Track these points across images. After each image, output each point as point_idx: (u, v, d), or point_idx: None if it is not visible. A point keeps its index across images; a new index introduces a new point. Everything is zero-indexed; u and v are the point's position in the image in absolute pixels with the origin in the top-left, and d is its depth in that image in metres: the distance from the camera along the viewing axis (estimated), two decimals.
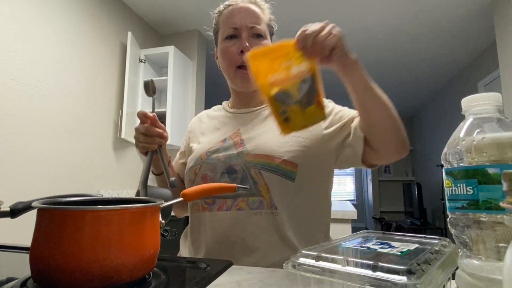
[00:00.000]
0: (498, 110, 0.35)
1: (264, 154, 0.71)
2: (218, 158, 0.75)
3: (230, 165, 0.73)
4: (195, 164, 0.78)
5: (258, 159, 0.71)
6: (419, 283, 0.27)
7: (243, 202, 0.70)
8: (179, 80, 2.77)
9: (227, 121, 0.85)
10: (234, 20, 0.77)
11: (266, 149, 0.71)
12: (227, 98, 0.95)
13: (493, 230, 0.32)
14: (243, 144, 0.74)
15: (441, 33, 3.10)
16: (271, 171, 0.69)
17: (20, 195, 1.68)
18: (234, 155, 0.73)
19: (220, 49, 0.81)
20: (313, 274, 0.33)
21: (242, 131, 0.79)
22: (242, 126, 0.80)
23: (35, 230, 0.39)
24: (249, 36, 0.77)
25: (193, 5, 2.69)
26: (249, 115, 0.83)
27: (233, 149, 0.74)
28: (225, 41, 0.78)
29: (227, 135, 0.80)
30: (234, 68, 0.78)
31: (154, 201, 0.45)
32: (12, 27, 1.70)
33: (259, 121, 0.80)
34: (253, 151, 0.72)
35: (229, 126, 0.82)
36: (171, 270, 0.53)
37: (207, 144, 0.80)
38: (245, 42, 0.75)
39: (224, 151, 0.75)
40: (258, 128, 0.78)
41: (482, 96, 0.35)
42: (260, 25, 0.78)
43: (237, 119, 0.83)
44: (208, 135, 0.85)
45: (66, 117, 2.02)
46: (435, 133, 5.12)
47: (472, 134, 0.35)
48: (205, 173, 0.76)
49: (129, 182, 2.59)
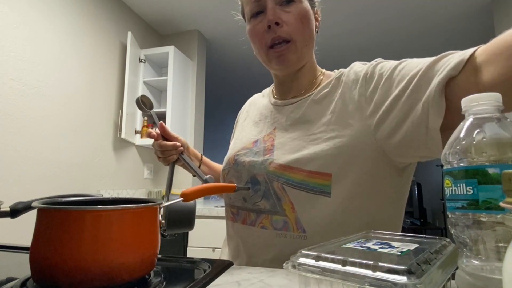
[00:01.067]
0: (498, 110, 0.35)
1: (287, 164, 0.57)
2: (243, 164, 0.64)
3: (253, 174, 0.62)
4: (225, 167, 0.70)
5: (281, 171, 0.58)
6: (419, 283, 0.27)
7: (267, 220, 0.60)
8: (179, 80, 2.77)
9: (267, 114, 0.72)
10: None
11: (291, 158, 0.58)
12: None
13: (493, 230, 0.32)
14: (272, 150, 0.62)
15: (441, 33, 3.10)
16: (295, 187, 0.57)
17: (20, 195, 1.68)
18: (259, 163, 0.62)
19: (248, 31, 0.66)
20: (313, 274, 0.33)
21: (277, 131, 0.65)
22: (279, 124, 0.66)
23: (35, 230, 0.39)
24: (276, 4, 0.61)
25: (193, 5, 2.69)
26: (287, 108, 0.67)
27: (261, 155, 0.63)
28: (251, 20, 0.64)
29: (261, 135, 0.68)
30: (265, 50, 0.63)
31: (154, 201, 0.45)
32: (12, 27, 1.70)
33: (296, 118, 0.64)
34: (277, 160, 0.59)
35: (267, 123, 0.70)
36: (171, 270, 0.53)
37: (239, 143, 0.71)
38: (271, 14, 0.59)
39: (251, 156, 0.64)
40: (292, 129, 0.63)
41: (482, 96, 0.35)
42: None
43: (275, 113, 0.69)
44: (246, 130, 0.75)
45: (66, 117, 2.02)
46: None
47: (472, 134, 0.35)
48: (231, 179, 0.68)
49: (129, 182, 2.59)
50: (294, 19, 0.60)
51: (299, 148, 0.59)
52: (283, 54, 0.62)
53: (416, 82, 0.49)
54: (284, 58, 0.62)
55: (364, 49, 3.44)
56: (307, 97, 0.66)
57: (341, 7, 2.69)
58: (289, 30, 0.60)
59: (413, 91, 0.49)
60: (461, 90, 0.44)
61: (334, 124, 0.58)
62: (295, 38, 0.61)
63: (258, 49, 0.65)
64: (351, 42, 3.28)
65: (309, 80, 0.68)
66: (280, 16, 0.60)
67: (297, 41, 0.61)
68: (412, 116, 0.49)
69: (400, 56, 0.57)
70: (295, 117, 0.64)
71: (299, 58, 0.64)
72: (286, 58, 0.62)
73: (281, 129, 0.65)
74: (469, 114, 0.37)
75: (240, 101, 1.06)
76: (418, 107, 0.48)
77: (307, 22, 0.62)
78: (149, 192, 2.81)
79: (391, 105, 0.52)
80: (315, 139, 0.58)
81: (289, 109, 0.67)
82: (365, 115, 0.56)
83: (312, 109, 0.63)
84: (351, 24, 2.94)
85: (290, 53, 0.62)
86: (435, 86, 0.46)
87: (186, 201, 0.56)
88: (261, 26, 0.62)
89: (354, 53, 3.52)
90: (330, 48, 3.43)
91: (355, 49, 3.44)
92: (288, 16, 0.60)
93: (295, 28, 0.60)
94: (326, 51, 3.50)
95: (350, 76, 0.62)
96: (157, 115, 0.78)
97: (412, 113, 0.49)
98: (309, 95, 0.66)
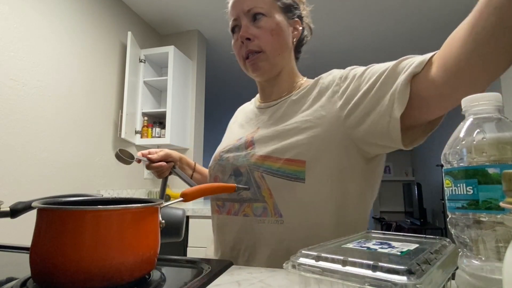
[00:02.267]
0: (498, 110, 0.35)
1: (266, 154, 0.64)
2: (227, 158, 0.71)
3: (237, 166, 0.68)
4: (211, 164, 0.76)
5: (261, 160, 0.64)
6: (419, 283, 0.27)
7: (249, 208, 0.66)
8: (179, 80, 2.77)
9: (252, 116, 0.79)
10: (232, 12, 0.72)
11: (270, 148, 0.64)
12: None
13: (493, 230, 0.32)
14: (253, 144, 0.68)
15: (441, 33, 3.10)
16: (273, 175, 0.62)
17: (20, 195, 1.68)
18: (242, 156, 0.68)
19: (232, 46, 0.76)
20: (313, 274, 0.33)
21: (260, 130, 0.72)
22: (262, 124, 0.73)
23: (35, 230, 0.39)
24: (249, 21, 0.69)
25: (193, 5, 2.69)
26: (269, 110, 0.75)
27: (243, 149, 0.69)
28: (233, 35, 0.74)
29: (246, 133, 0.74)
30: (243, 61, 0.73)
31: (154, 201, 0.45)
32: (12, 27, 1.70)
33: (277, 118, 0.71)
34: (257, 152, 0.65)
35: (252, 124, 0.76)
36: (171, 270, 0.53)
37: (225, 142, 0.78)
38: (242, 31, 0.69)
39: (235, 151, 0.71)
40: (273, 125, 0.70)
41: (482, 96, 0.35)
42: (260, 4, 0.69)
43: (261, 114, 0.76)
44: (233, 130, 0.82)
45: (66, 117, 2.02)
46: (435, 133, 5.09)
47: (472, 134, 0.35)
48: (216, 174, 0.73)
49: (129, 182, 2.59)
50: (264, 33, 0.69)
51: (278, 139, 0.65)
52: (256, 63, 0.70)
53: (384, 79, 0.56)
54: (257, 66, 0.70)
55: (364, 49, 3.44)
56: (286, 98, 0.73)
57: (342, 7, 2.69)
58: (259, 43, 0.69)
59: (381, 85, 0.57)
60: (422, 86, 0.52)
61: (309, 116, 0.65)
62: (265, 49, 0.69)
63: (238, 60, 0.74)
64: (352, 42, 3.28)
65: (289, 85, 0.75)
66: (251, 32, 0.68)
67: (267, 51, 0.69)
68: (379, 107, 0.56)
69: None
70: (277, 116, 0.71)
71: (272, 65, 0.71)
72: (259, 66, 0.70)
73: (263, 127, 0.72)
74: (469, 114, 0.37)
75: (240, 101, 1.06)
76: (385, 99, 0.55)
77: (278, 34, 0.70)
78: (149, 192, 2.81)
79: (360, 98, 0.59)
80: (292, 130, 0.64)
81: (271, 110, 0.74)
82: (337, 108, 0.63)
83: (290, 108, 0.70)
84: (351, 24, 2.94)
85: (261, 61, 0.70)
86: (401, 80, 0.53)
87: (186, 201, 0.56)
88: (239, 41, 0.71)
89: (354, 52, 3.53)
90: (330, 48, 3.43)
91: (355, 50, 3.45)
92: (259, 31, 0.69)
93: (265, 40, 0.69)
94: (326, 50, 3.50)
95: (328, 78, 0.69)
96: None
97: (379, 104, 0.56)
98: (288, 96, 0.73)
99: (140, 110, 2.63)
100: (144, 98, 2.68)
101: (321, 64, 3.90)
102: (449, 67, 0.47)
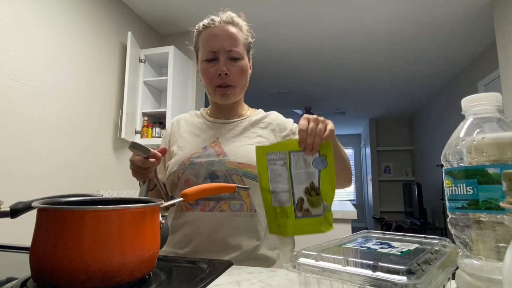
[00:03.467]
0: (498, 110, 0.35)
1: (245, 163, 0.78)
2: (200, 163, 0.80)
3: (212, 170, 0.79)
4: (178, 168, 0.82)
5: (241, 167, 0.78)
6: (419, 283, 0.27)
7: (225, 204, 0.78)
8: (179, 80, 2.77)
9: (205, 128, 0.90)
10: (212, 44, 0.82)
11: (247, 158, 0.79)
12: None
13: (493, 230, 0.32)
14: (224, 153, 0.81)
15: (441, 33, 3.10)
16: (252, 179, 0.77)
17: (20, 195, 1.68)
18: (216, 162, 0.80)
19: (200, 69, 0.86)
20: (313, 274, 0.33)
21: (221, 141, 0.85)
22: (221, 136, 0.87)
23: (35, 230, 0.39)
24: (227, 58, 0.82)
25: (193, 5, 2.69)
26: (227, 126, 0.89)
27: (215, 157, 0.81)
28: (205, 62, 0.83)
29: (206, 142, 0.86)
30: (213, 87, 0.84)
31: (154, 201, 0.45)
32: (12, 27, 1.70)
33: (237, 133, 0.87)
34: (235, 160, 0.79)
35: (208, 134, 0.88)
36: (171, 270, 0.53)
37: (188, 150, 0.85)
38: (223, 66, 0.81)
39: (206, 157, 0.81)
40: (236, 140, 0.85)
41: (482, 96, 0.35)
42: (238, 47, 0.83)
43: (215, 128, 0.89)
44: (188, 140, 0.89)
45: (66, 117, 2.02)
46: (435, 133, 5.12)
47: (472, 134, 0.35)
48: (188, 177, 0.81)
49: (129, 182, 2.59)
50: (238, 72, 0.84)
51: (247, 152, 0.80)
52: (227, 94, 0.84)
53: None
54: (227, 97, 0.85)
55: (364, 49, 3.44)
56: (243, 120, 0.90)
57: (342, 8, 2.69)
58: (233, 79, 0.83)
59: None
60: None
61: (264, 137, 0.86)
62: (236, 85, 0.84)
63: (207, 84, 0.85)
64: (352, 42, 3.28)
65: (240, 110, 0.94)
66: (229, 69, 0.82)
67: (237, 87, 0.85)
68: None
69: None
70: (236, 133, 0.87)
71: (236, 97, 0.88)
72: (228, 97, 0.85)
73: (223, 138, 0.86)
74: (469, 114, 0.37)
75: None
76: None
77: (246, 75, 0.87)
78: None
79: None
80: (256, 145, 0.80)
81: (229, 127, 0.89)
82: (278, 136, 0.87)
83: (248, 128, 0.88)
84: (351, 24, 2.94)
85: (231, 94, 0.85)
86: None
87: (186, 201, 0.57)
88: (213, 71, 0.82)
89: (354, 52, 3.53)
90: (330, 48, 3.43)
91: (356, 50, 3.44)
92: (234, 69, 0.83)
93: (237, 78, 0.84)
94: (326, 50, 3.50)
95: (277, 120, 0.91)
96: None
97: None
98: (244, 118, 0.90)
99: (140, 110, 2.63)
100: (144, 98, 2.68)
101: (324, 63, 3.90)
102: None
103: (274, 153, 0.65)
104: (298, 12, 2.75)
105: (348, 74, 4.16)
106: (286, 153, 0.65)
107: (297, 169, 0.65)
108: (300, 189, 0.64)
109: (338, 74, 4.17)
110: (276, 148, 0.65)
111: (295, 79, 4.35)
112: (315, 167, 0.65)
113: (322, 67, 3.94)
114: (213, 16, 0.86)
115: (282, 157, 0.65)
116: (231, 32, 0.83)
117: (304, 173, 0.64)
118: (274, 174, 0.65)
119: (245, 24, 0.88)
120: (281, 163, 0.65)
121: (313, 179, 0.64)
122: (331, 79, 4.37)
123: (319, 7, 2.70)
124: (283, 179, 0.64)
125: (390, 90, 4.92)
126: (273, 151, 0.65)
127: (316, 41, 3.29)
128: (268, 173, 0.65)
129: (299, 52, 3.52)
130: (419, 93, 5.02)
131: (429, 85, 4.63)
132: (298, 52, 3.51)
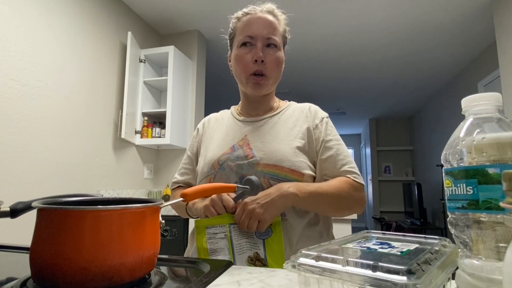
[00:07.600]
0: (498, 110, 0.35)
1: (272, 164, 0.76)
2: (230, 167, 0.78)
3: (242, 175, 0.77)
4: (210, 172, 0.81)
5: (268, 169, 0.75)
6: (419, 283, 0.27)
7: None
8: (179, 80, 2.77)
9: (234, 126, 0.88)
10: (251, 29, 0.80)
11: (275, 158, 0.76)
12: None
13: (493, 230, 0.32)
14: (253, 153, 0.78)
15: (441, 33, 3.10)
16: (280, 181, 0.74)
17: (20, 195, 1.68)
18: (245, 165, 0.77)
19: (234, 55, 0.83)
20: (313, 274, 0.33)
21: (249, 138, 0.82)
22: (250, 133, 0.84)
23: (35, 230, 0.39)
24: (264, 46, 0.80)
25: (193, 5, 2.69)
26: (257, 123, 0.86)
27: (244, 159, 0.78)
28: (241, 48, 0.81)
29: (235, 141, 0.83)
30: (247, 75, 0.81)
31: (154, 201, 0.45)
32: (12, 27, 1.70)
33: (267, 129, 0.83)
34: (262, 161, 0.76)
35: (236, 132, 0.86)
36: (171, 270, 0.53)
37: (217, 151, 0.83)
38: (260, 52, 0.78)
39: (235, 160, 0.79)
40: (265, 135, 0.82)
41: (482, 96, 0.35)
42: (276, 36, 0.81)
43: (246, 126, 0.86)
44: (217, 139, 0.87)
45: (66, 117, 2.02)
46: (435, 133, 5.11)
47: (472, 134, 0.35)
48: (220, 182, 0.79)
49: (129, 182, 2.59)
50: (273, 62, 0.81)
51: (275, 150, 0.78)
52: (260, 84, 0.81)
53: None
54: (259, 87, 0.82)
55: (364, 49, 3.44)
56: (273, 116, 0.87)
57: (342, 8, 2.69)
58: (268, 68, 0.80)
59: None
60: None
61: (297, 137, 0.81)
62: (269, 75, 0.82)
63: (241, 72, 0.82)
64: (352, 43, 3.28)
65: (271, 104, 0.90)
66: (265, 56, 0.79)
67: (270, 78, 0.82)
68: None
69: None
70: (264, 130, 0.84)
71: (268, 89, 0.85)
72: (261, 87, 0.82)
73: (252, 135, 0.83)
74: (469, 114, 0.37)
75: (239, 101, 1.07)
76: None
77: (280, 67, 0.84)
78: (149, 192, 2.81)
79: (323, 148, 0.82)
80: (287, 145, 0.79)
81: (258, 124, 0.86)
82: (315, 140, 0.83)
83: (279, 124, 0.85)
84: (351, 24, 2.94)
85: (264, 84, 0.82)
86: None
87: (186, 201, 0.56)
88: (249, 57, 0.80)
89: (354, 52, 3.53)
90: (330, 48, 3.43)
91: (356, 50, 3.44)
92: (270, 58, 0.80)
93: (272, 68, 0.81)
94: (326, 50, 3.50)
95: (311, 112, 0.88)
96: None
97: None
98: (275, 114, 0.87)
99: (140, 110, 2.63)
100: (144, 98, 2.68)
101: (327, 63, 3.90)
102: None
103: (214, 226, 0.67)
104: (298, 12, 2.75)
105: (348, 74, 4.16)
106: (226, 226, 0.66)
107: (239, 240, 0.66)
108: (242, 259, 0.65)
109: (338, 74, 4.17)
110: (216, 222, 0.67)
111: (295, 79, 4.34)
112: (258, 237, 0.67)
113: (322, 67, 3.93)
114: (253, 5, 0.84)
115: (222, 230, 0.67)
116: (271, 21, 0.81)
117: (246, 243, 0.66)
118: (215, 247, 0.66)
119: (284, 18, 0.86)
120: (222, 236, 0.67)
121: (257, 250, 0.66)
122: (331, 79, 4.37)
123: (319, 7, 2.70)
124: (224, 251, 0.66)
125: (390, 90, 4.91)
126: (212, 225, 0.67)
127: (316, 41, 3.29)
128: (208, 250, 0.66)
129: (299, 52, 3.52)
130: (419, 93, 5.02)
131: (429, 85, 4.62)
132: (298, 52, 3.51)
